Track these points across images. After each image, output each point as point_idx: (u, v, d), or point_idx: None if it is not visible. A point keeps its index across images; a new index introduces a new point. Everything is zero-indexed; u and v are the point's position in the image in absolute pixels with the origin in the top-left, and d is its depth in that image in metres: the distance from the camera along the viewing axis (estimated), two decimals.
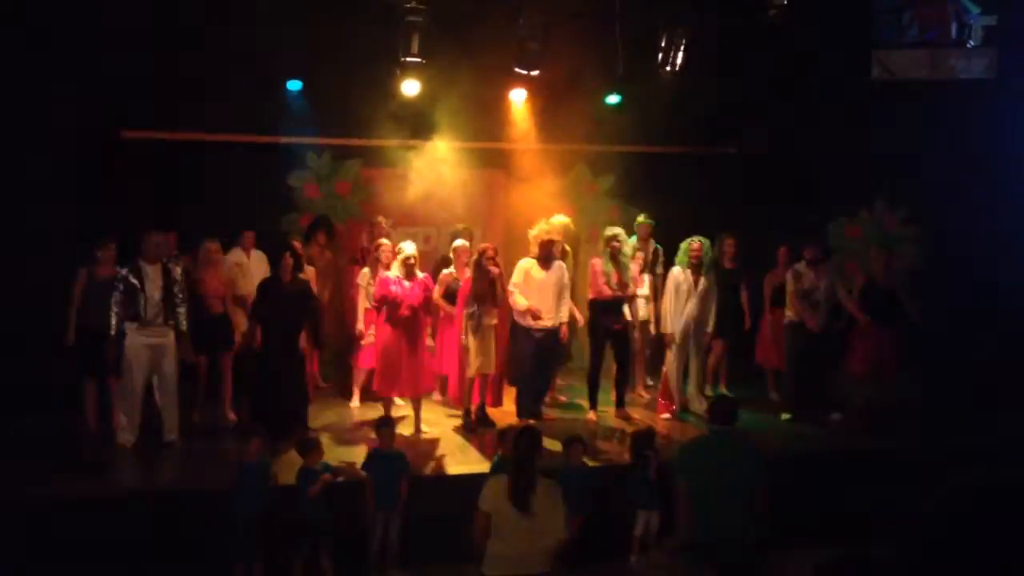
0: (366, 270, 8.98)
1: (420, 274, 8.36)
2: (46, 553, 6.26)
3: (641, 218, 10.04)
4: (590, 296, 8.98)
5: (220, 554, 6.43)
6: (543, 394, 9.03)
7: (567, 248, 9.24)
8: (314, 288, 8.69)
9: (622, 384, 9.14)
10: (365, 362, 9.07)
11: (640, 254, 9.57)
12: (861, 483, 7.70)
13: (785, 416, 9.07)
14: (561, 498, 5.02)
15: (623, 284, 8.85)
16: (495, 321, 8.55)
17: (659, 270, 9.83)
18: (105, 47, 9.25)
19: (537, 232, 8.66)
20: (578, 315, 9.21)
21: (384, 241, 9.04)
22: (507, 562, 4.92)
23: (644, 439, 7.10)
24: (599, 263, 8.85)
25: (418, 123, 10.44)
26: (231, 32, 9.57)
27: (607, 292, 8.82)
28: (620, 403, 9.08)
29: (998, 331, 9.88)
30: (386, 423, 7.02)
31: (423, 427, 8.44)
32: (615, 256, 8.84)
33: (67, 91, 8.94)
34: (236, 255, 9.27)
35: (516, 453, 5.10)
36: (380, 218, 9.80)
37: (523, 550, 4.89)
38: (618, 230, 9.04)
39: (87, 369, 8.16)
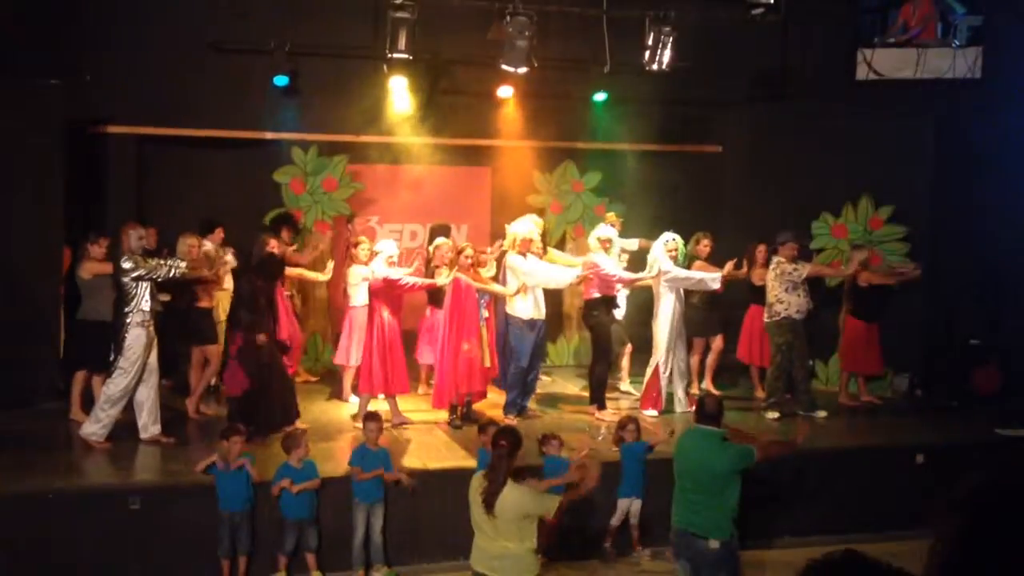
0: (355, 268, 8.95)
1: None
2: (28, 549, 6.23)
3: (612, 215, 10.05)
4: (597, 294, 8.90)
5: (207, 549, 6.42)
6: (532, 390, 9.03)
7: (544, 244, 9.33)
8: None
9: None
10: (349, 360, 9.04)
11: (626, 255, 9.57)
12: (847, 480, 7.74)
13: (772, 415, 9.07)
14: (532, 504, 4.99)
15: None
16: (487, 315, 8.57)
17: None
18: (89, 40, 9.21)
19: (519, 228, 8.70)
20: None
21: (363, 239, 9.05)
22: (480, 556, 4.96)
23: (624, 430, 7.13)
24: (603, 260, 8.86)
25: (405, 119, 10.42)
26: (218, 27, 9.55)
27: (615, 288, 8.84)
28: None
29: (983, 328, 9.98)
30: (374, 419, 6.99)
31: (404, 420, 8.47)
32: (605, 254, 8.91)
33: (51, 85, 8.86)
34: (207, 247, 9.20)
35: (495, 453, 5.11)
36: (354, 216, 9.77)
37: (490, 548, 4.92)
38: (612, 231, 9.06)
39: (80, 362, 8.12)
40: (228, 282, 8.94)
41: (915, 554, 1.89)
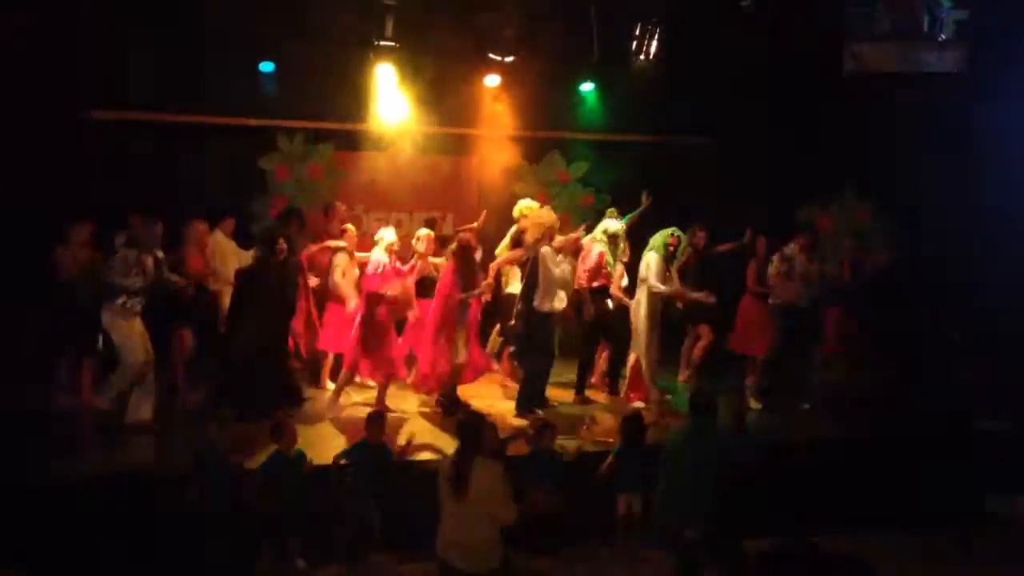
0: (343, 255, 8.91)
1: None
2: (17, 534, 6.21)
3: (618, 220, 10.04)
4: (593, 285, 8.89)
5: (189, 537, 6.40)
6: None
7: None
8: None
9: (617, 368, 9.15)
10: (332, 346, 9.00)
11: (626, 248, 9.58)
12: (831, 472, 7.75)
13: (755, 405, 9.08)
14: (505, 483, 4.91)
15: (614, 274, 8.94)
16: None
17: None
18: (75, 26, 9.13)
19: (538, 218, 8.62)
20: None
21: (349, 227, 9.01)
22: (447, 544, 4.91)
23: (636, 423, 7.10)
24: (604, 251, 8.85)
25: (391, 107, 10.38)
26: (203, 12, 9.48)
27: (604, 281, 8.87)
28: (615, 389, 9.14)
29: (971, 323, 10.04)
30: (378, 417, 6.92)
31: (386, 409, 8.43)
32: (612, 248, 8.91)
33: (36, 69, 8.80)
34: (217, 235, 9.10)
35: (463, 435, 5.07)
36: (338, 204, 9.69)
37: (458, 534, 4.87)
38: (619, 225, 9.04)
39: (65, 347, 8.07)
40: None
41: (889, 550, 1.91)
